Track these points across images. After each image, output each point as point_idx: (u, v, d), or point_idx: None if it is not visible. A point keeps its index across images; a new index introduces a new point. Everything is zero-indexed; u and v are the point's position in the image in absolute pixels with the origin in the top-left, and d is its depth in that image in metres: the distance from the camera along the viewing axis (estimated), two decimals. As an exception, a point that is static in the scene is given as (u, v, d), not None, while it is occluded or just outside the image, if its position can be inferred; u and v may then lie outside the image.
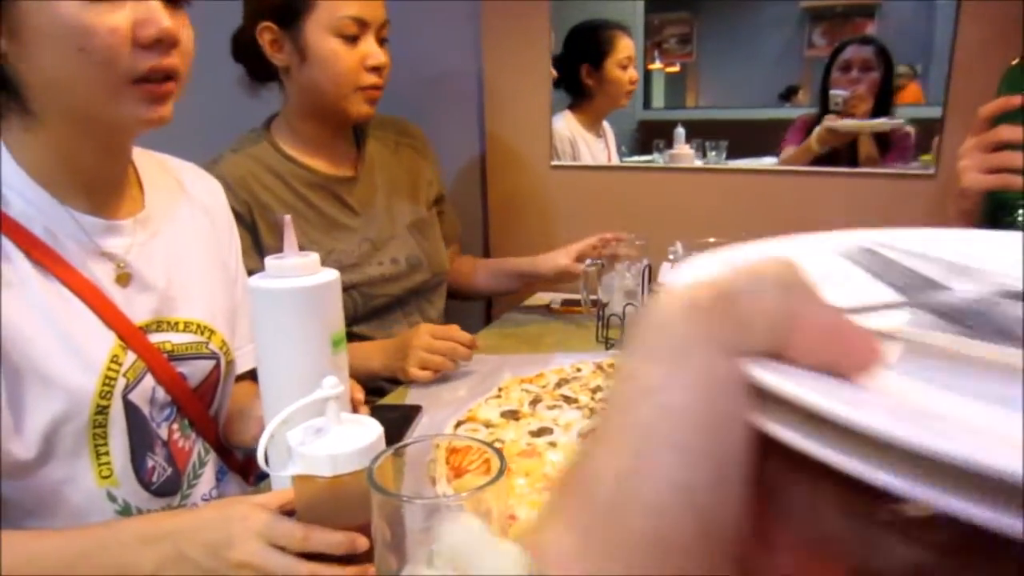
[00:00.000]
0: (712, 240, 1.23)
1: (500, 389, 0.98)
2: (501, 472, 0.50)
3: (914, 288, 0.24)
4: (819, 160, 1.43)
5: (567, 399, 0.95)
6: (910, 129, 1.39)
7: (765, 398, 0.19)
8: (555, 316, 1.37)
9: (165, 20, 0.67)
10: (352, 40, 1.14)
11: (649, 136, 1.67)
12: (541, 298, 1.48)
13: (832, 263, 0.27)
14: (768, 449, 0.20)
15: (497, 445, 0.83)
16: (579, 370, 1.05)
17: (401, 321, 1.28)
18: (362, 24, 1.14)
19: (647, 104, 1.72)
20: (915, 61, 1.40)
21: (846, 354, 0.20)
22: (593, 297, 1.23)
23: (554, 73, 1.57)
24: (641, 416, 0.20)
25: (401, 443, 0.54)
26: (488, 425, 0.88)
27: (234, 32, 1.19)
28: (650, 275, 1.16)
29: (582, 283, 1.22)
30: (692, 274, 0.22)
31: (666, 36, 1.63)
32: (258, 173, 1.17)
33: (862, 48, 1.46)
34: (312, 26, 1.13)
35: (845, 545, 0.20)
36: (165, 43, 0.68)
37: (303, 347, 0.68)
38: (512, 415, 0.91)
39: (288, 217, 0.67)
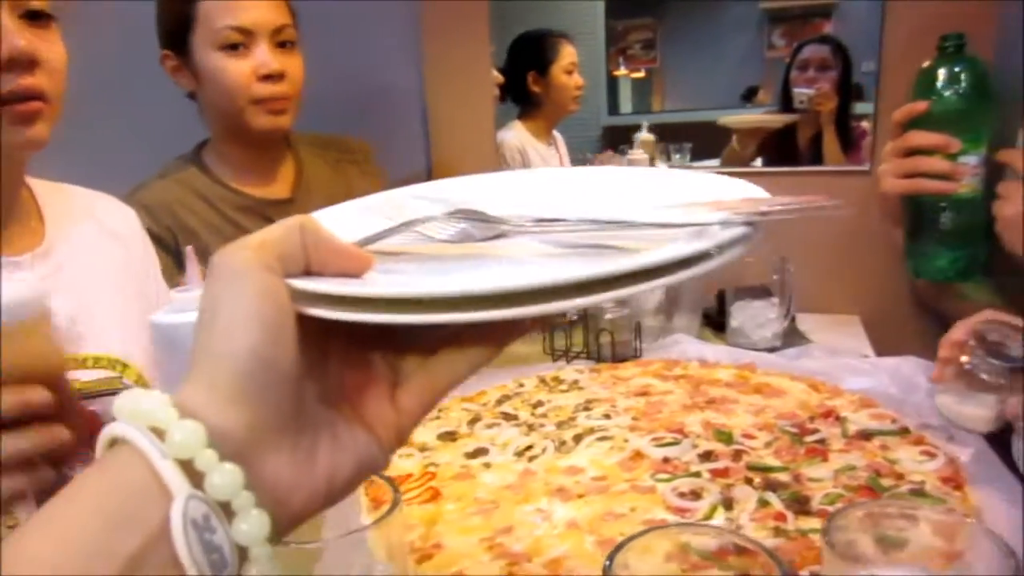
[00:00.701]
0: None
1: (440, 410, 0.97)
2: (394, 506, 0.48)
3: (407, 221, 0.41)
4: (783, 158, 1.43)
5: (507, 416, 0.94)
6: (866, 126, 1.40)
7: (308, 297, 0.32)
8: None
9: (16, 39, 0.64)
10: (237, 50, 1.10)
11: (615, 142, 1.69)
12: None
13: (370, 214, 0.44)
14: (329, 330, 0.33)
15: (431, 470, 0.82)
16: (522, 385, 1.03)
17: None
18: (246, 33, 1.10)
19: (613, 110, 1.74)
20: (871, 59, 1.42)
21: (348, 263, 0.34)
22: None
23: (499, 78, 1.56)
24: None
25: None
26: (423, 449, 0.86)
27: None
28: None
29: None
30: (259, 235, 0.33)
31: (630, 42, 1.64)
32: (184, 198, 1.14)
33: (820, 47, 1.49)
34: (197, 44, 1.10)
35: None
36: (20, 63, 0.65)
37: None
38: (449, 436, 0.89)
39: (190, 248, 0.66)
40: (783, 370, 1.03)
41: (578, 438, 0.86)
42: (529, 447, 0.85)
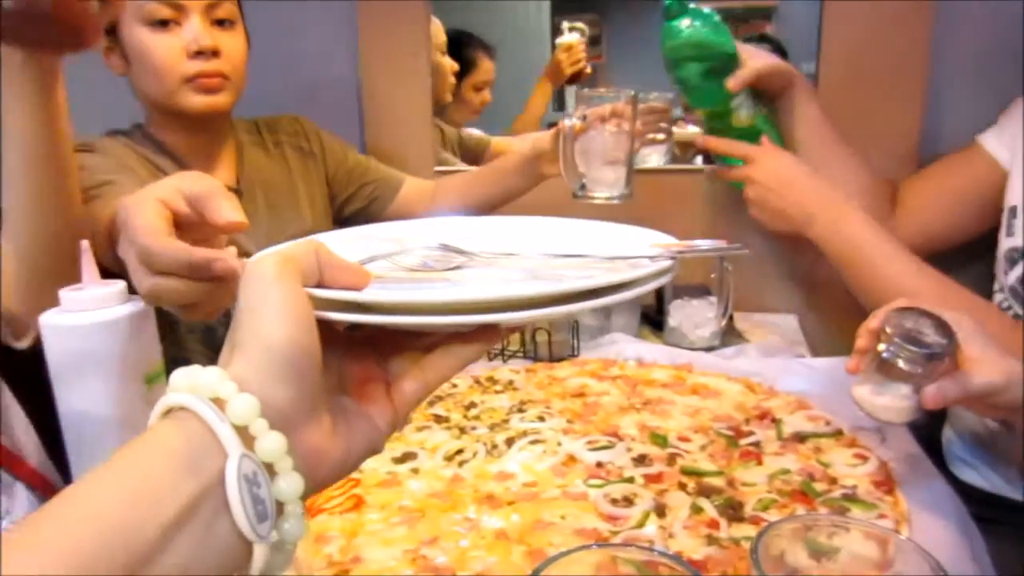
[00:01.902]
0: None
1: (368, 412, 0.93)
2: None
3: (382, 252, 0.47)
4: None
5: (438, 419, 0.90)
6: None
7: (324, 303, 0.39)
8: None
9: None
10: (167, 27, 1.03)
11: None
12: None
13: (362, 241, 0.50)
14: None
15: (355, 476, 0.78)
16: (455, 386, 1.00)
17: None
18: (177, 7, 1.03)
19: (559, 106, 1.71)
20: (810, 61, 1.43)
21: (353, 278, 0.41)
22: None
23: (454, 65, 1.52)
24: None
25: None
26: (349, 453, 0.82)
27: None
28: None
29: (560, 145, 1.04)
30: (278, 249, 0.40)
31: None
32: (131, 158, 1.06)
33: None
34: (126, 20, 1.03)
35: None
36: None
37: (109, 389, 0.61)
38: (377, 441, 0.85)
39: (86, 242, 0.61)
40: (720, 370, 1.02)
41: (510, 441, 0.83)
42: (459, 451, 0.82)
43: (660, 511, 0.69)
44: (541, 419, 0.88)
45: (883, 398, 0.69)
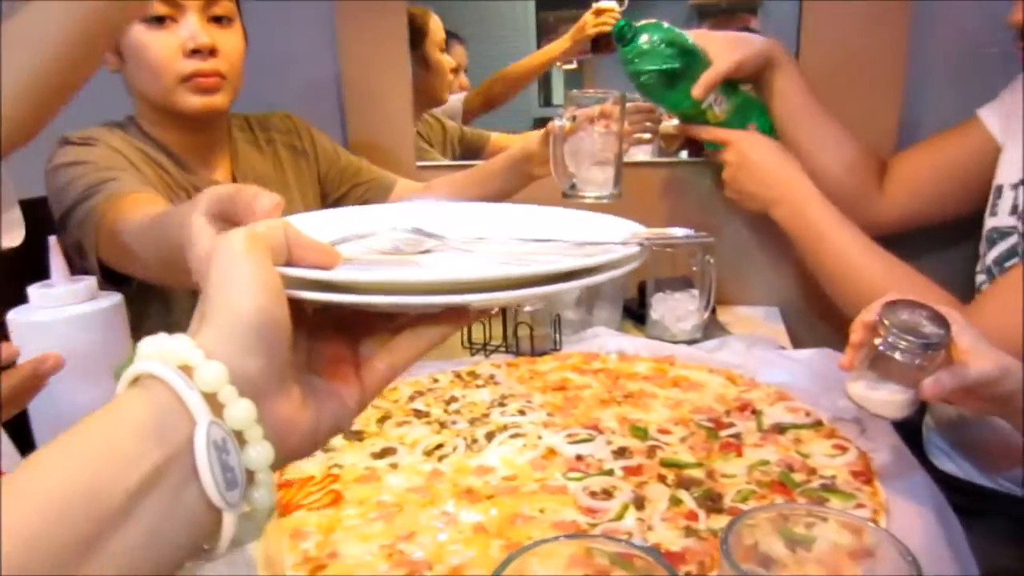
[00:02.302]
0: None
1: (348, 408, 0.92)
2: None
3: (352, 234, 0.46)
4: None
5: (418, 413, 0.90)
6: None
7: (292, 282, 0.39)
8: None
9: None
10: (163, 24, 1.01)
11: (548, 133, 1.66)
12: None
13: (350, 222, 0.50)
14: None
15: (334, 471, 0.77)
16: (436, 381, 1.00)
17: None
18: (172, 3, 1.01)
19: (546, 101, 1.72)
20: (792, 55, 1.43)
21: (322, 257, 0.41)
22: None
23: (451, 62, 1.52)
24: None
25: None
26: (328, 449, 0.82)
27: None
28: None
29: (550, 146, 1.05)
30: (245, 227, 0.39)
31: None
32: (128, 150, 1.04)
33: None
34: None
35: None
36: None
37: (80, 385, 0.60)
38: (356, 436, 0.84)
39: (53, 238, 0.60)
40: (701, 363, 1.02)
41: (490, 436, 0.82)
42: (439, 446, 0.81)
43: (639, 503, 0.68)
44: (522, 413, 0.88)
45: (880, 393, 0.69)
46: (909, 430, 0.89)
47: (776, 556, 0.47)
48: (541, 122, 1.79)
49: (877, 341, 0.68)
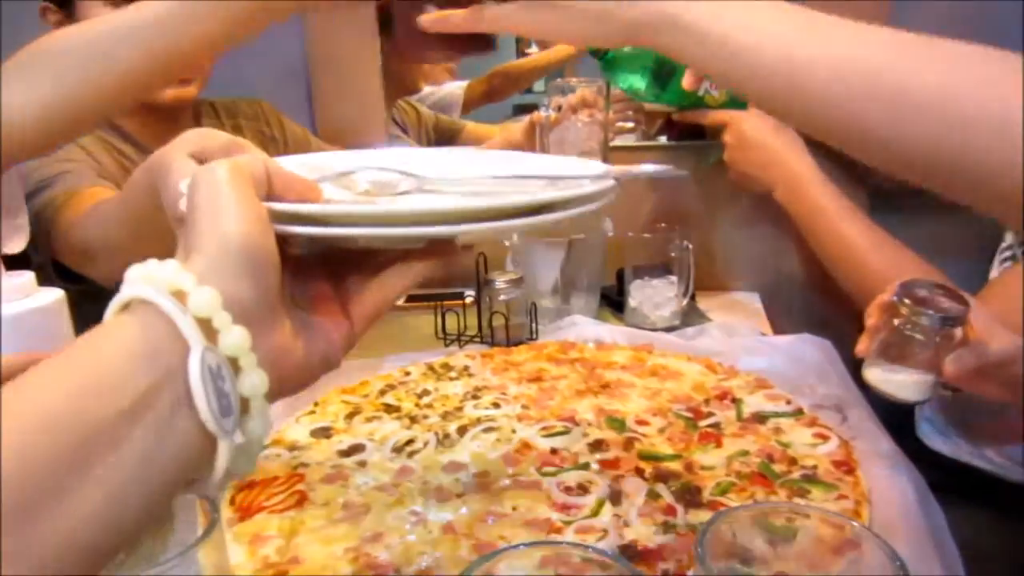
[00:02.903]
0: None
1: (316, 403, 0.89)
2: (208, 530, 0.41)
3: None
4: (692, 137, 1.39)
5: (388, 408, 0.87)
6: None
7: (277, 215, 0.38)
8: (397, 313, 1.28)
9: None
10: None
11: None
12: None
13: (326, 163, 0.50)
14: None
15: (300, 471, 0.74)
16: (408, 373, 0.97)
17: None
18: None
19: (526, 89, 1.71)
20: None
21: (304, 189, 0.42)
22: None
23: None
24: None
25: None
26: (294, 447, 0.79)
27: None
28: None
29: (536, 136, 1.07)
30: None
31: None
32: (92, 145, 1.01)
33: None
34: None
35: None
36: None
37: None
38: (324, 433, 0.81)
39: (-11, 231, 0.56)
40: (680, 351, 0.99)
41: (463, 430, 0.80)
42: (410, 441, 0.78)
43: (615, 498, 0.66)
44: (496, 405, 0.85)
45: (899, 375, 0.68)
46: (899, 409, 0.88)
47: (757, 552, 0.45)
48: (520, 109, 1.77)
49: (897, 321, 0.66)
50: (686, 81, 1.04)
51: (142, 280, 0.34)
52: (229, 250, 0.35)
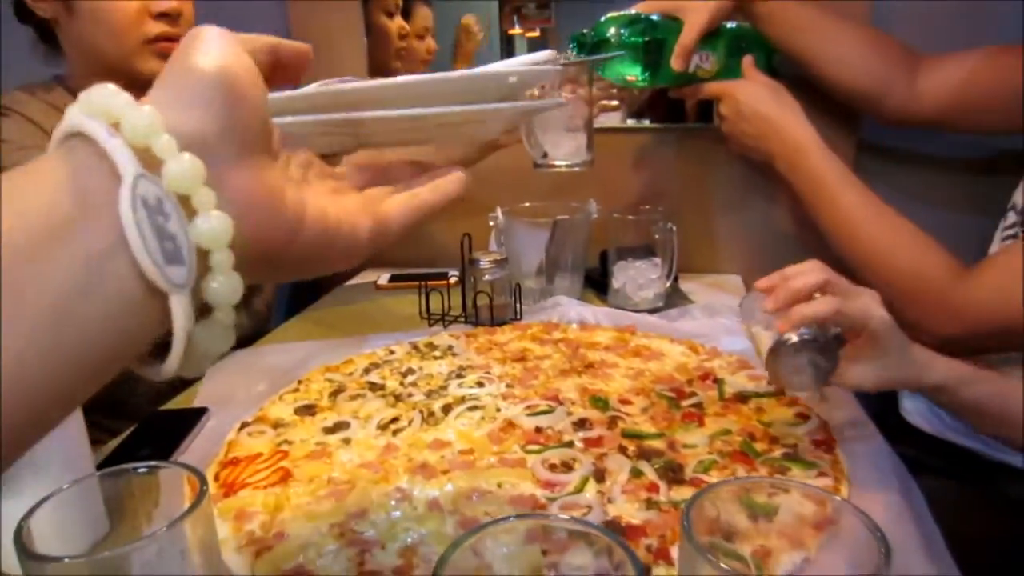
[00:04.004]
0: (528, 205, 1.17)
1: (300, 382, 0.89)
2: (196, 502, 0.41)
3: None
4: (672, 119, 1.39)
5: (373, 386, 0.87)
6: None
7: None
8: (381, 294, 1.28)
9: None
10: None
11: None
12: (368, 275, 1.38)
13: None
14: None
15: (284, 448, 0.74)
16: (392, 352, 0.97)
17: None
18: None
19: None
20: None
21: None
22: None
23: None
24: None
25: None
26: (278, 425, 0.78)
27: None
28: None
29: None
30: None
31: (525, 1, 1.58)
32: (49, 124, 0.98)
33: None
34: None
35: None
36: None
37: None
38: (308, 411, 0.81)
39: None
40: (663, 332, 1.00)
41: (447, 408, 0.80)
42: (394, 419, 0.78)
43: (599, 476, 0.67)
44: (480, 384, 0.86)
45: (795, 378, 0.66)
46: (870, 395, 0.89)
47: (740, 528, 0.45)
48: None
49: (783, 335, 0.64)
50: (675, 60, 1.04)
51: (78, 108, 0.30)
52: (192, 79, 0.31)
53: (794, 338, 0.63)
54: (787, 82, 1.04)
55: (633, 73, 1.06)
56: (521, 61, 0.55)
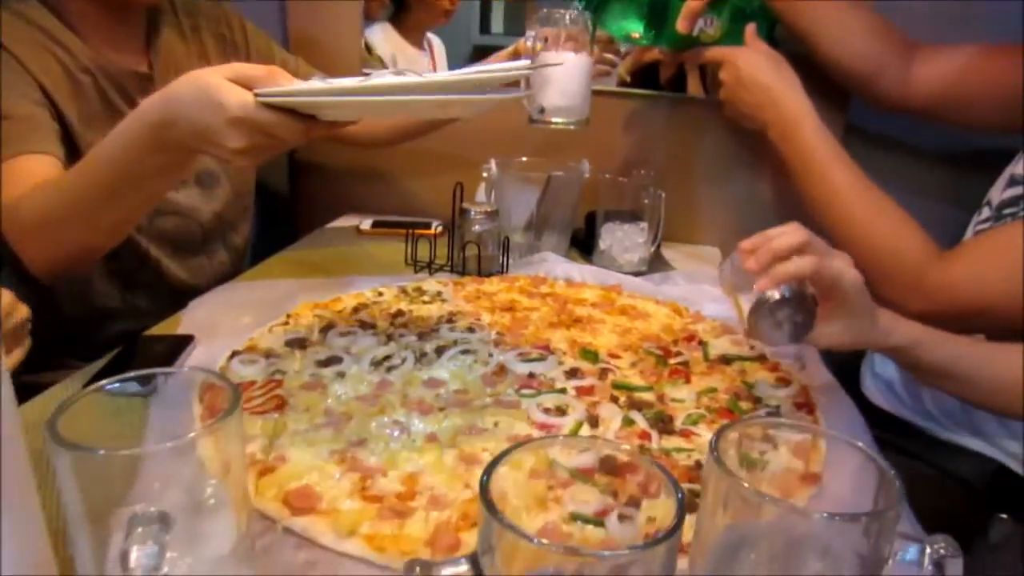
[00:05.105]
0: (524, 159, 1.18)
1: (288, 316, 0.88)
2: (229, 411, 0.41)
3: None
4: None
5: (363, 324, 0.87)
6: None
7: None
8: (364, 239, 1.27)
9: None
10: None
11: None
12: (349, 220, 1.37)
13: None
14: None
15: (277, 377, 0.74)
16: (380, 294, 0.97)
17: (200, 255, 1.13)
18: None
19: (484, 29, 1.66)
20: None
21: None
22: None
23: None
24: None
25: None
26: (269, 355, 0.78)
27: None
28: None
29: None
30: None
31: None
32: (27, 35, 0.92)
33: None
34: None
35: None
36: None
37: None
38: (299, 344, 0.81)
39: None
40: (648, 294, 1.02)
41: (440, 350, 0.81)
42: (387, 357, 0.79)
43: (593, 421, 0.68)
44: (471, 330, 0.87)
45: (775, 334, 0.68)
46: (845, 366, 0.92)
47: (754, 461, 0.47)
48: (480, 50, 1.74)
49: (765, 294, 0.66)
50: (680, 23, 1.04)
51: None
52: None
53: (776, 295, 0.65)
54: (784, 55, 1.05)
55: (637, 30, 1.06)
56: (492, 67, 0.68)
